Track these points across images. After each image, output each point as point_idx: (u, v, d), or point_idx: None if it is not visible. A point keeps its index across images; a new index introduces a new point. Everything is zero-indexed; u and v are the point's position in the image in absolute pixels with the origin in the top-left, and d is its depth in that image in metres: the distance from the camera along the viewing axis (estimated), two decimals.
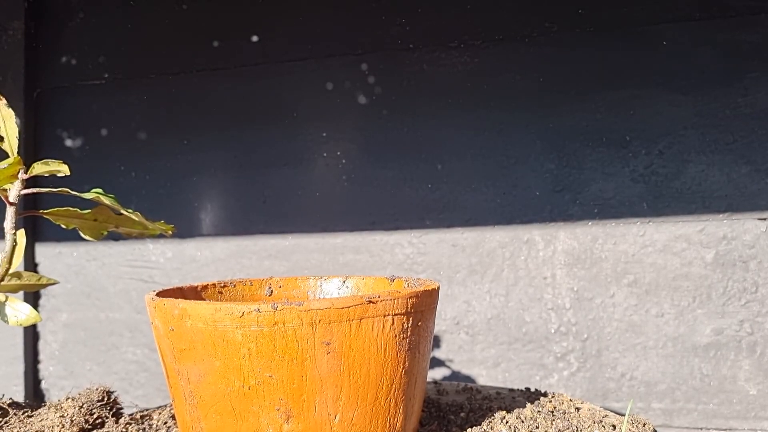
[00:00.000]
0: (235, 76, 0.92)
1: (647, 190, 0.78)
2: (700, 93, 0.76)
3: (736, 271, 0.75)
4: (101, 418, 0.62)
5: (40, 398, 0.99)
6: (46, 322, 0.98)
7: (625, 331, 0.78)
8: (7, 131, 0.54)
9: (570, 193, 0.80)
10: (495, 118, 0.82)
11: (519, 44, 0.82)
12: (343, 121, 0.88)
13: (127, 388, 0.95)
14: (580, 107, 0.80)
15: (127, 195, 0.94)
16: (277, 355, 0.46)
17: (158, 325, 0.51)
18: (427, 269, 0.84)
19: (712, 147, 0.76)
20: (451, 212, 0.84)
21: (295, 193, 0.89)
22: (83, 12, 0.98)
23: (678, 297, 0.77)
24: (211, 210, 0.93)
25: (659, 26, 0.77)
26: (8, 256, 0.56)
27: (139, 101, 0.96)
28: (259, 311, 0.46)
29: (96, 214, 0.57)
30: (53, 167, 0.52)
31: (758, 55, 0.75)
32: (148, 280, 0.95)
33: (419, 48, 0.85)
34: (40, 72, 0.99)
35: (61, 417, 0.61)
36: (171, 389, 0.53)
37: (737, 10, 0.75)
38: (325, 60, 0.88)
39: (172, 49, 0.94)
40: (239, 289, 0.65)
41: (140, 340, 0.95)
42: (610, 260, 0.79)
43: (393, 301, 0.48)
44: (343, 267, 0.87)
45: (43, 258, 0.99)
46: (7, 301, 0.62)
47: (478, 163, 0.83)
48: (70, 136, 0.98)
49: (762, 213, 0.75)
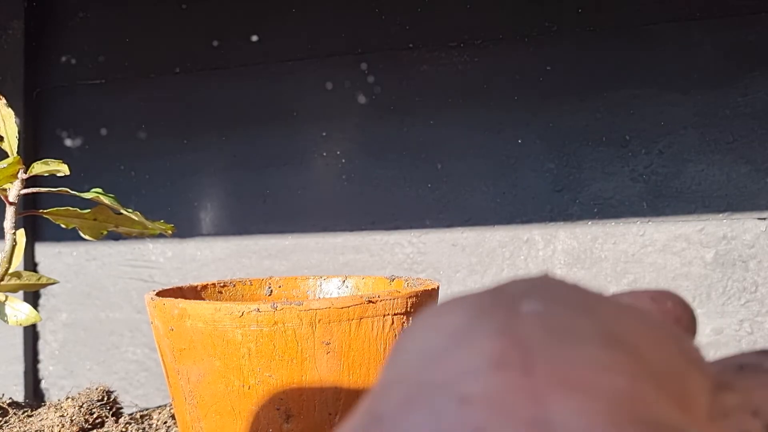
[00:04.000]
0: (235, 76, 0.92)
1: (647, 189, 0.78)
2: (700, 93, 0.76)
3: (736, 270, 0.75)
4: (101, 417, 0.62)
5: (40, 398, 0.99)
6: (46, 321, 0.98)
7: None
8: (6, 131, 0.54)
9: (570, 192, 0.80)
10: (495, 118, 0.82)
11: (519, 44, 0.82)
12: (343, 120, 0.88)
13: (127, 387, 0.95)
14: (580, 107, 0.80)
15: (127, 195, 0.94)
16: (277, 355, 0.46)
17: (158, 325, 0.51)
18: (427, 269, 0.84)
19: (712, 147, 0.76)
20: (451, 212, 0.84)
21: (295, 192, 0.89)
22: (83, 12, 0.98)
23: None
24: (211, 210, 0.93)
25: (659, 26, 0.77)
26: (8, 255, 0.56)
27: (139, 101, 0.96)
28: (259, 311, 0.46)
29: (96, 214, 0.57)
30: (53, 167, 0.52)
31: (758, 55, 0.75)
32: (148, 280, 0.95)
33: (419, 48, 0.85)
34: (40, 72, 0.99)
35: (61, 417, 0.61)
36: (171, 389, 0.53)
37: (737, 10, 0.75)
38: (325, 60, 0.88)
39: (172, 49, 0.94)
40: (239, 289, 0.65)
41: (140, 340, 0.95)
42: (610, 260, 0.79)
43: (393, 301, 0.48)
44: (342, 267, 0.87)
45: (42, 258, 0.99)
46: (7, 301, 0.62)
47: (478, 163, 0.83)
48: (70, 136, 0.98)
49: (762, 213, 0.75)
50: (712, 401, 0.15)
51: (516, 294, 0.14)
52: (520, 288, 0.15)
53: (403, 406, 0.12)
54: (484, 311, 0.14)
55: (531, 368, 0.12)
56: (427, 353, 0.13)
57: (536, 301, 0.14)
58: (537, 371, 0.12)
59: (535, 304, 0.14)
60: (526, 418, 0.11)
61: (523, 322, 0.13)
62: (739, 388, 0.16)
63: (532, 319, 0.13)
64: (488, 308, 0.14)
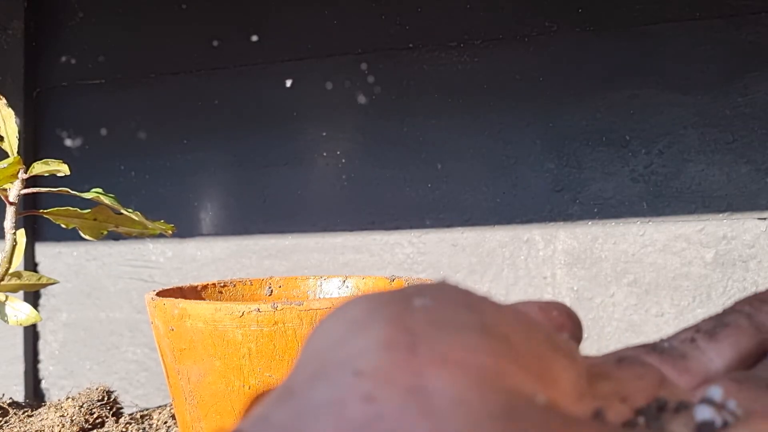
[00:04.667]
0: (235, 76, 0.92)
1: (647, 189, 0.78)
2: (700, 93, 0.76)
3: (736, 270, 0.75)
4: (101, 417, 0.62)
5: (40, 398, 0.99)
6: (46, 321, 0.98)
7: (625, 331, 0.78)
8: (6, 131, 0.54)
9: (570, 192, 0.80)
10: (495, 118, 0.82)
11: (519, 44, 0.82)
12: (342, 120, 0.88)
13: (127, 387, 0.95)
14: (580, 107, 0.80)
15: (127, 195, 0.94)
16: (277, 355, 0.46)
17: (158, 325, 0.51)
18: (427, 269, 0.84)
19: (712, 147, 0.76)
20: (451, 212, 0.84)
21: (295, 192, 0.89)
22: (83, 12, 0.98)
23: (678, 297, 0.77)
24: (211, 210, 0.93)
25: (659, 26, 0.77)
26: (8, 255, 0.56)
27: (139, 101, 0.96)
28: (259, 311, 0.46)
29: (96, 214, 0.57)
30: (53, 167, 0.52)
31: (758, 54, 0.75)
32: (148, 280, 0.95)
33: (419, 48, 0.85)
34: (40, 72, 0.99)
35: (61, 417, 0.61)
36: (171, 389, 0.53)
37: (737, 10, 0.75)
38: (325, 60, 0.88)
39: (172, 49, 0.94)
40: (239, 289, 0.65)
41: (140, 340, 0.95)
42: (610, 260, 0.79)
43: None
44: (343, 267, 0.87)
45: (43, 257, 0.99)
46: (7, 301, 0.62)
47: (478, 163, 0.83)
48: (70, 136, 0.98)
49: (762, 213, 0.75)
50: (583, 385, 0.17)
51: (411, 292, 0.17)
52: (417, 288, 0.17)
53: (309, 380, 0.15)
54: (381, 304, 0.16)
55: (414, 349, 0.14)
56: (332, 338, 0.16)
57: (426, 298, 0.16)
58: (419, 351, 0.14)
59: (425, 300, 0.16)
60: (408, 386, 0.14)
61: (413, 313, 0.16)
62: (615, 377, 0.19)
63: (421, 311, 0.16)
64: (385, 302, 0.16)
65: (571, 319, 0.22)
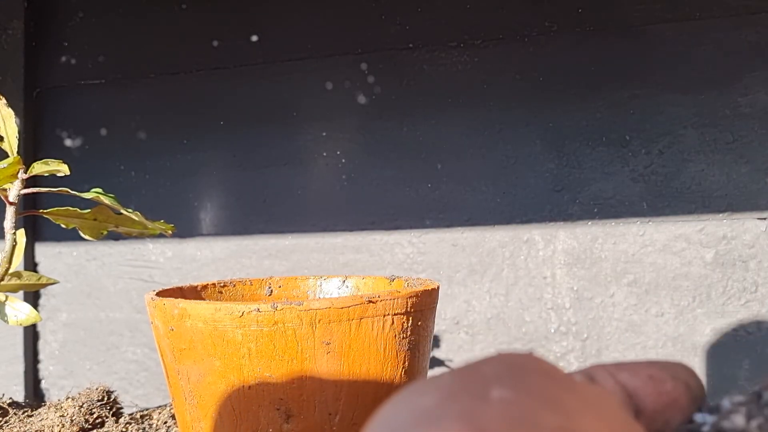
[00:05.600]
0: (235, 76, 0.92)
1: (647, 189, 0.78)
2: (700, 93, 0.76)
3: (736, 270, 0.75)
4: (101, 417, 0.62)
5: (40, 398, 0.99)
6: (46, 321, 0.98)
7: (625, 331, 0.78)
8: (6, 131, 0.54)
9: (570, 192, 0.80)
10: (495, 118, 0.82)
11: (519, 44, 0.82)
12: (342, 120, 0.88)
13: (127, 387, 0.95)
14: (580, 107, 0.80)
15: (127, 195, 0.94)
16: (277, 355, 0.46)
17: (158, 325, 0.51)
18: (427, 269, 0.84)
19: (712, 147, 0.76)
20: (451, 212, 0.84)
21: (295, 192, 0.89)
22: (83, 12, 0.98)
23: (678, 297, 0.77)
24: (211, 210, 0.93)
25: (659, 26, 0.77)
26: (8, 255, 0.56)
27: (139, 101, 0.96)
28: (259, 311, 0.46)
29: (96, 214, 0.57)
30: (53, 167, 0.52)
31: (758, 54, 0.75)
32: (148, 280, 0.95)
33: (419, 48, 0.85)
34: (40, 72, 0.99)
35: (61, 417, 0.61)
36: (171, 389, 0.53)
37: (737, 10, 0.75)
38: (325, 60, 0.88)
39: (172, 49, 0.94)
40: (239, 289, 0.65)
41: (140, 340, 0.95)
42: (610, 260, 0.79)
43: (393, 301, 0.48)
44: (343, 266, 0.87)
45: (42, 257, 0.99)
46: (7, 301, 0.62)
47: (478, 163, 0.83)
48: (70, 136, 0.98)
49: (762, 213, 0.75)
50: None
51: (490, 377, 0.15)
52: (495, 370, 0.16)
53: None
54: (453, 394, 0.15)
55: None
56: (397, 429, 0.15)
57: (506, 388, 0.15)
58: None
59: (504, 391, 0.15)
60: None
61: (489, 408, 0.14)
62: None
63: (498, 406, 0.14)
64: (457, 392, 0.15)
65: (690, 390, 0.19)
